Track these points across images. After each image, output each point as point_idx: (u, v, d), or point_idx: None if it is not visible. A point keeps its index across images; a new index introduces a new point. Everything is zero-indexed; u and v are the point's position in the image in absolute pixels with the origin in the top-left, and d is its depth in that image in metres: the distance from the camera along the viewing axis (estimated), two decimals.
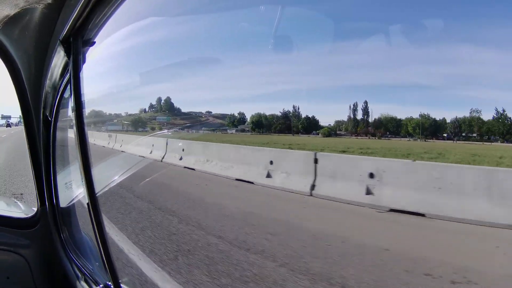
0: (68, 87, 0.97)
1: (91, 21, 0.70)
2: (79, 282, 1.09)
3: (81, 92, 0.72)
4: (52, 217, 1.24)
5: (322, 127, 51.06)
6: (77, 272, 1.14)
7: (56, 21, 0.90)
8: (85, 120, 0.73)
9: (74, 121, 0.71)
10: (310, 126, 52.09)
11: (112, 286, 0.82)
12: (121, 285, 0.82)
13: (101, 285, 0.97)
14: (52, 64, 0.91)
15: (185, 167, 8.15)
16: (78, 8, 0.66)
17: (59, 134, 1.18)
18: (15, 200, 1.85)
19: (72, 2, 0.78)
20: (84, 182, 0.71)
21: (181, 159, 8.56)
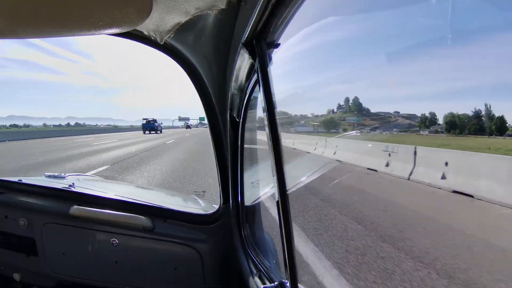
0: (256, 88, 1.00)
1: (272, 23, 0.69)
2: (253, 278, 1.11)
3: (272, 93, 0.71)
4: (235, 214, 1.29)
5: None
6: (253, 268, 1.16)
7: (233, 25, 0.92)
8: (278, 121, 0.73)
9: (266, 122, 0.70)
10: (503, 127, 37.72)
11: (288, 284, 0.77)
12: (298, 284, 0.76)
13: (276, 283, 0.96)
14: (236, 67, 0.93)
15: (367, 168, 7.56)
16: (257, 12, 0.66)
17: (247, 135, 1.21)
18: (196, 197, 2.07)
19: (247, 6, 0.78)
20: (276, 181, 0.70)
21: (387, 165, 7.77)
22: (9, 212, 1.55)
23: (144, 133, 39.50)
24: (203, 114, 1.25)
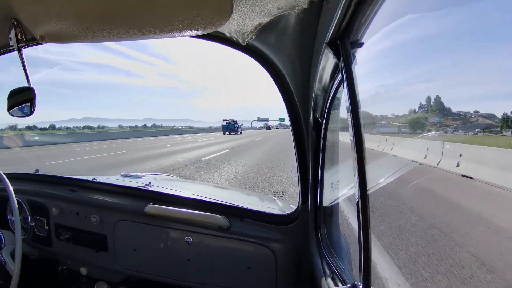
0: (340, 89, 0.96)
1: (355, 22, 0.67)
2: (325, 280, 1.07)
3: (357, 93, 0.69)
4: (313, 215, 1.26)
5: None
6: (326, 269, 1.13)
7: (316, 25, 0.89)
8: (362, 121, 0.72)
9: (350, 122, 0.69)
10: None
11: (361, 287, 0.73)
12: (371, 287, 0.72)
13: (348, 285, 0.92)
14: (320, 67, 0.90)
15: (462, 175, 6.73)
16: (340, 11, 0.64)
17: (329, 136, 1.18)
18: (274, 197, 2.01)
19: (329, 5, 0.76)
20: (357, 181, 0.69)
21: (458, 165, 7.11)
22: (81, 209, 1.58)
23: (224, 134, 40.05)
24: (282, 114, 1.25)
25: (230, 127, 42.05)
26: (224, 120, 44.33)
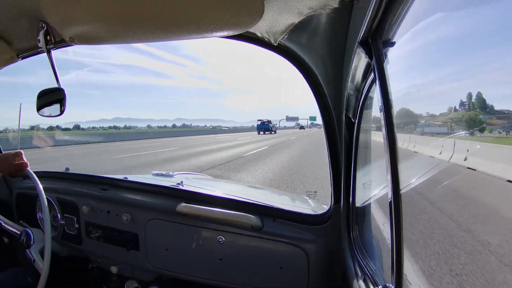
0: (372, 88, 0.94)
1: (387, 21, 0.66)
2: (357, 281, 1.05)
3: (389, 92, 0.69)
4: (346, 215, 1.24)
5: None
6: (358, 270, 1.10)
7: (347, 24, 0.89)
8: (395, 121, 0.71)
9: (383, 121, 0.68)
10: None
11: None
12: None
13: (380, 287, 0.90)
14: (353, 66, 0.89)
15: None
16: (371, 10, 0.64)
17: (361, 135, 1.16)
18: (306, 197, 1.96)
19: (360, 5, 0.76)
20: (390, 181, 0.66)
21: None
22: (112, 208, 1.58)
23: (259, 133, 40.17)
24: (312, 112, 1.22)
25: (265, 127, 42.24)
26: (258, 120, 44.82)
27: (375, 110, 1.08)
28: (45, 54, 1.24)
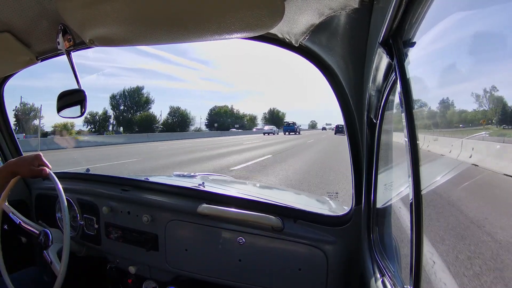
0: (394, 88, 0.93)
1: (407, 21, 0.66)
2: (375, 283, 1.04)
3: (411, 93, 0.68)
4: (366, 216, 1.22)
5: None
6: (377, 272, 1.08)
7: (368, 24, 0.88)
8: (416, 122, 0.68)
9: (404, 122, 0.67)
10: None
11: None
12: None
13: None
14: (374, 67, 0.88)
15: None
16: (391, 10, 0.63)
17: (383, 137, 1.14)
18: (327, 198, 1.93)
19: (380, 5, 0.75)
20: (411, 182, 0.65)
21: None
22: (132, 209, 1.58)
23: (285, 134, 44.37)
24: (328, 119, 1.22)
25: (290, 128, 46.77)
26: (285, 122, 51.03)
27: (397, 110, 1.07)
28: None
